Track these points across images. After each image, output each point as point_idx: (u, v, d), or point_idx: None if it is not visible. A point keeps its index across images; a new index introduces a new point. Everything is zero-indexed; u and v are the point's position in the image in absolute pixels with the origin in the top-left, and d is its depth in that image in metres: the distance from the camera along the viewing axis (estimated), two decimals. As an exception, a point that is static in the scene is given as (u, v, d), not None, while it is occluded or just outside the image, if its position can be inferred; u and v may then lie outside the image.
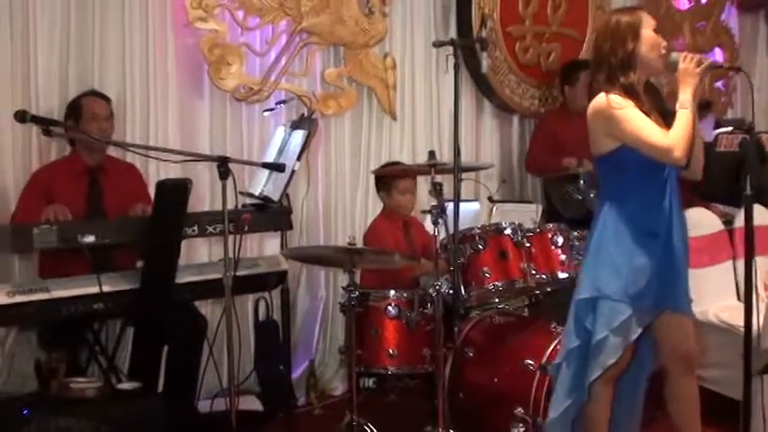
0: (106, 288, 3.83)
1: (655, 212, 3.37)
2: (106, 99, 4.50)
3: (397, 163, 5.24)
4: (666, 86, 5.91)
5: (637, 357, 3.52)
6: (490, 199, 5.65)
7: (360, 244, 4.62)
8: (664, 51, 3.40)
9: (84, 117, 4.35)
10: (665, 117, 3.37)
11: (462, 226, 4.16)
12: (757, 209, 4.14)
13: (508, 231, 4.22)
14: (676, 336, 3.48)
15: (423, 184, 4.92)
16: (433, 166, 4.15)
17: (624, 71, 3.36)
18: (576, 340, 3.44)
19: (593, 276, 3.40)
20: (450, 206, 4.06)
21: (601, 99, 3.35)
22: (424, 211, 4.68)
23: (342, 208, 5.68)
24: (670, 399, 3.58)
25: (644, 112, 3.32)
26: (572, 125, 5.98)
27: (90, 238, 3.81)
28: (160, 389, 4.27)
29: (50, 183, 4.31)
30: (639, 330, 3.37)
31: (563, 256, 4.27)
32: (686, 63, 3.33)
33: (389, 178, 4.89)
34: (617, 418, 3.61)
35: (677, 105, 3.29)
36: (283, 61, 5.29)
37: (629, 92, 3.34)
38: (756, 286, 3.49)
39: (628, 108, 3.30)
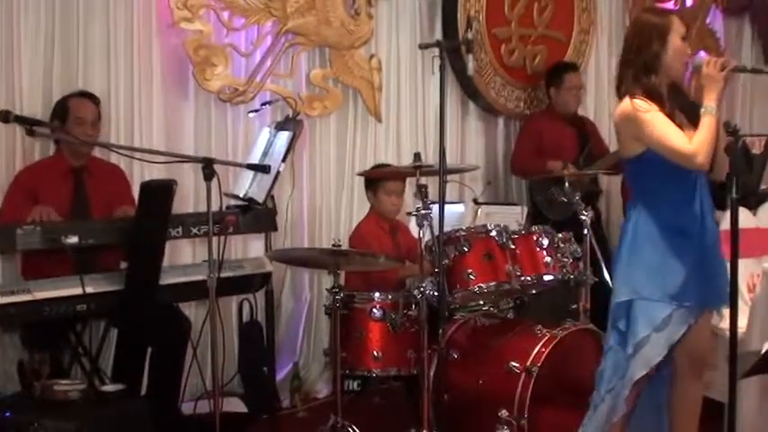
0: (89, 289, 3.82)
1: (686, 212, 3.38)
2: (95, 101, 4.45)
3: (387, 165, 5.24)
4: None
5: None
6: (475, 201, 5.64)
7: (345, 246, 4.61)
8: (687, 60, 3.41)
9: (70, 119, 4.32)
10: (691, 118, 3.37)
11: (447, 228, 4.16)
12: (742, 212, 4.15)
13: (493, 233, 4.20)
14: (697, 335, 3.47)
15: (408, 186, 4.92)
16: (418, 168, 4.14)
17: (646, 73, 3.36)
18: (611, 341, 3.44)
19: (629, 279, 3.38)
20: (435, 208, 4.05)
21: (626, 103, 3.34)
22: (409, 213, 4.67)
23: (327, 210, 5.66)
24: (673, 398, 3.58)
25: (666, 113, 3.32)
26: (557, 127, 6.02)
27: (73, 239, 3.80)
28: (144, 391, 4.25)
29: (35, 183, 4.28)
30: (683, 330, 3.35)
31: (548, 258, 4.26)
32: (710, 68, 3.31)
33: (378, 179, 4.88)
34: (642, 422, 3.60)
35: (701, 111, 3.29)
36: (269, 62, 5.27)
37: (651, 94, 3.34)
38: (741, 289, 3.49)
39: (652, 112, 3.29)
